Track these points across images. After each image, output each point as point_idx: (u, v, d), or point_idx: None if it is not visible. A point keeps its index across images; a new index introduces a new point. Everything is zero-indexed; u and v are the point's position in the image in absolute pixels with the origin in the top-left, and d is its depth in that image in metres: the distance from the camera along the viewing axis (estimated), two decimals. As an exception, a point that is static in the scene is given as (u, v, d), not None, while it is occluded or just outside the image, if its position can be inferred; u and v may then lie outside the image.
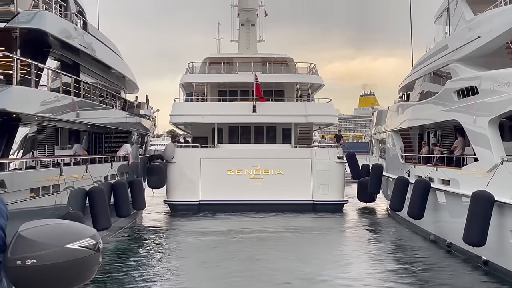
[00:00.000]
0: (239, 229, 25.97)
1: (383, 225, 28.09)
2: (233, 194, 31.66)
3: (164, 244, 22.82)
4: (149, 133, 33.56)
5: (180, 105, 35.55)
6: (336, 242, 23.32)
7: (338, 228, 27.24)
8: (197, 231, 25.61)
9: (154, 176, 29.38)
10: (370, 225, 28.11)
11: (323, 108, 35.30)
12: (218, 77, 37.02)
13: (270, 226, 27.00)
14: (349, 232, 26.15)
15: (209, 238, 23.68)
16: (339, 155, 32.68)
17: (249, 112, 33.71)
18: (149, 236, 24.72)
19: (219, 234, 24.69)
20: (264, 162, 32.47)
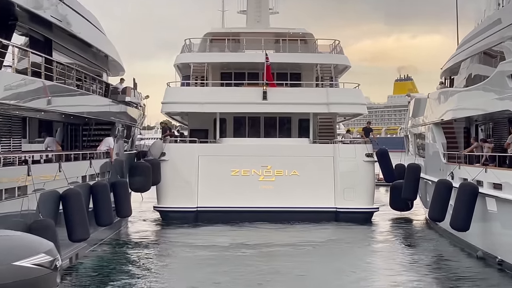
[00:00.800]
0: (245, 242, 25.99)
1: (421, 238, 28.06)
2: (238, 199, 31.74)
3: (153, 260, 22.87)
4: (136, 124, 33.56)
5: (175, 90, 35.67)
6: (364, 260, 23.25)
7: (366, 242, 27.22)
8: (193, 244, 25.65)
9: (137, 176, 29.29)
10: (405, 239, 28.09)
11: (349, 95, 35.34)
12: (221, 56, 37.04)
13: (283, 239, 27.01)
14: (379, 247, 26.11)
15: (208, 254, 23.71)
16: (368, 153, 32.70)
17: (259, 99, 33.74)
18: (135, 251, 24.78)
19: (221, 249, 24.72)
20: (276, 160, 32.52)
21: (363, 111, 35.97)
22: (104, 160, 25.85)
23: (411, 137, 37.35)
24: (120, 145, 29.01)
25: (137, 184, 29.40)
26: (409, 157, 37.14)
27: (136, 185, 29.41)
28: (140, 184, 29.52)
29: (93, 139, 27.94)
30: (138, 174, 29.41)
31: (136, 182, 29.25)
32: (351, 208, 31.87)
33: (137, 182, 29.29)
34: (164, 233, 29.14)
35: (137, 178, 29.26)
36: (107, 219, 23.50)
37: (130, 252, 24.50)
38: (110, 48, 30.12)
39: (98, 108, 26.33)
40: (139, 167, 29.87)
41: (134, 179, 29.09)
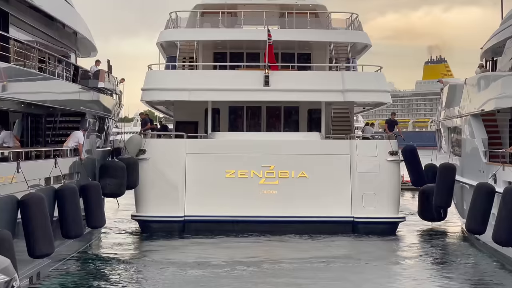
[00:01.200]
0: (243, 259, 25.99)
1: (456, 254, 28.05)
2: (234, 207, 31.86)
3: (130, 281, 22.79)
4: (111, 115, 33.59)
5: (157, 74, 35.73)
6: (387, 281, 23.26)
7: (390, 259, 27.22)
8: (179, 262, 25.61)
9: (108, 178, 29.17)
10: (437, 255, 28.04)
11: (370, 80, 35.42)
12: (215, 33, 37.11)
13: (289, 256, 26.99)
14: (406, 265, 26.11)
15: (198, 273, 23.70)
16: (392, 150, 32.83)
17: (259, 85, 33.82)
18: (108, 269, 24.70)
19: (213, 267, 24.71)
20: (281, 159, 32.63)
21: (386, 99, 36.05)
22: (72, 158, 25.84)
23: (444, 132, 37.40)
24: (92, 140, 29.03)
25: (108, 188, 29.27)
26: (441, 156, 37.20)
27: (107, 189, 29.24)
28: (112, 187, 29.40)
29: (59, 133, 27.91)
30: (109, 175, 29.33)
31: (107, 185, 29.15)
32: (372, 217, 32.04)
33: (108, 185, 29.21)
34: (144, 248, 29.13)
35: (109, 181, 29.18)
36: (76, 230, 23.43)
37: (102, 270, 24.44)
38: (80, 23, 30.12)
39: (65, 96, 26.33)
40: (111, 167, 29.85)
41: (105, 181, 29.02)
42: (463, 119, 32.17)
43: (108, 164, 30.23)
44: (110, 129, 34.91)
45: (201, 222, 31.91)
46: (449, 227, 35.00)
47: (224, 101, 35.31)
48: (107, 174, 29.38)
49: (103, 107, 31.26)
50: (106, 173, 29.40)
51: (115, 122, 36.28)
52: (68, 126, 28.34)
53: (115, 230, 33.52)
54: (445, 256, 27.75)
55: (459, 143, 33.12)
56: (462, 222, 31.59)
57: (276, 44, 35.08)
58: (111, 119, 34.04)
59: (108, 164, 30.22)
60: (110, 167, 29.83)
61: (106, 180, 29.11)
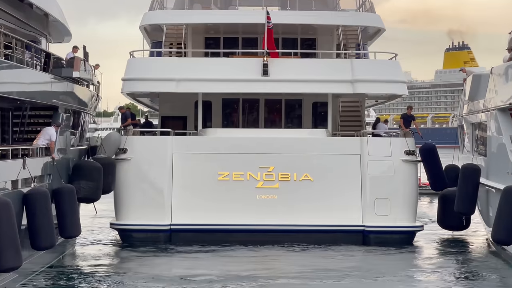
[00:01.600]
0: (238, 273, 26.01)
1: (481, 268, 28.07)
2: (227, 214, 31.93)
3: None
4: (88, 109, 33.61)
5: (140, 62, 35.68)
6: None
7: (405, 273, 27.15)
8: (164, 277, 25.64)
9: (83, 181, 29.24)
10: (459, 268, 28.15)
11: (383, 69, 35.46)
12: (206, 15, 37.09)
13: (290, 270, 27.04)
14: (424, 280, 26.15)
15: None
16: (408, 149, 32.89)
17: (257, 74, 33.81)
18: (83, 284, 24.65)
19: (204, 283, 24.71)
20: (281, 160, 32.66)
21: (402, 91, 36.04)
22: (43, 158, 25.83)
23: (467, 128, 37.24)
24: (66, 138, 29.04)
25: (82, 192, 29.29)
26: (464, 156, 37.14)
27: (80, 193, 29.20)
28: (85, 191, 29.46)
29: (28, 130, 27.94)
30: (83, 177, 29.39)
31: (80, 188, 29.18)
32: (385, 226, 32.07)
33: (82, 188, 29.26)
34: (124, 261, 29.09)
35: (83, 183, 29.25)
36: (47, 240, 23.49)
37: (77, 286, 24.41)
38: (51, 4, 30.11)
39: (35, 87, 26.34)
40: (85, 168, 29.98)
41: (79, 184, 29.07)
42: (488, 113, 32.01)
43: (82, 165, 30.28)
44: (86, 125, 34.92)
45: (190, 232, 31.89)
46: (473, 237, 35.01)
47: (216, 93, 35.32)
48: (81, 176, 29.43)
49: (78, 100, 31.24)
50: (80, 175, 29.44)
51: (92, 117, 36.31)
52: (39, 122, 28.35)
53: (91, 240, 33.43)
54: (468, 270, 27.78)
55: (484, 141, 32.97)
56: (488, 231, 31.63)
57: (276, 28, 35.09)
58: (87, 114, 34.02)
59: (81, 165, 30.28)
60: (84, 168, 29.93)
61: (80, 183, 29.17)
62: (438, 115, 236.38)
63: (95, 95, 34.91)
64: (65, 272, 26.40)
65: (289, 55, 36.18)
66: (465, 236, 35.15)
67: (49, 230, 23.60)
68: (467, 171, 31.86)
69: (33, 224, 23.01)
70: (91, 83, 33.71)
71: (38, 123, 28.17)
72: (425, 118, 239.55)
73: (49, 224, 23.65)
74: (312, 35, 38.42)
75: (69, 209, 26.29)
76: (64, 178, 28.07)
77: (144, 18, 37.23)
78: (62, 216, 25.80)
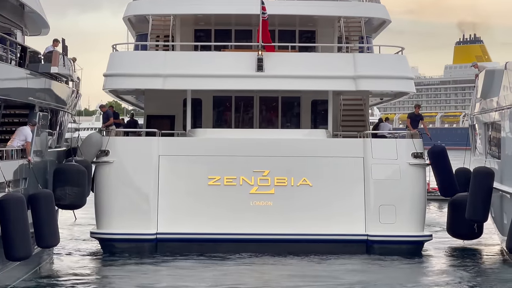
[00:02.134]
0: (230, 286, 26.12)
1: (493, 279, 28.14)
2: (218, 222, 31.95)
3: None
4: (67, 107, 33.52)
5: (124, 56, 35.72)
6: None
7: (412, 285, 27.30)
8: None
9: (68, 186, 29.23)
10: (470, 281, 28.08)
11: (388, 64, 35.40)
12: (196, 5, 36.81)
13: (285, 283, 27.11)
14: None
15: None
16: (416, 152, 32.81)
17: (251, 70, 33.70)
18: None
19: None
20: (277, 163, 32.60)
21: (409, 88, 36.01)
22: (18, 161, 25.81)
23: (480, 128, 37.30)
24: (43, 138, 28.98)
25: (68, 198, 29.38)
26: (476, 158, 37.27)
27: (66, 199, 29.38)
28: (72, 197, 29.51)
29: (2, 130, 27.92)
30: (68, 182, 29.42)
31: (66, 194, 29.27)
32: (390, 236, 32.05)
33: (68, 194, 29.32)
34: (105, 273, 29.06)
35: (68, 189, 29.29)
36: (22, 250, 23.39)
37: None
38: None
39: (9, 83, 26.10)
40: (69, 171, 29.88)
41: (63, 190, 29.15)
42: (502, 112, 31.96)
43: (66, 168, 30.18)
44: (65, 125, 34.83)
45: (178, 241, 31.81)
46: (485, 246, 35.01)
47: (207, 90, 35.40)
48: (65, 181, 29.44)
49: (56, 98, 31.19)
50: (64, 180, 29.47)
51: (72, 116, 36.21)
52: (13, 121, 28.35)
53: (71, 250, 33.32)
54: (480, 283, 27.69)
55: (498, 142, 32.98)
56: (502, 240, 31.72)
57: (272, 20, 35.00)
58: (66, 112, 33.93)
59: (65, 168, 30.19)
60: (68, 171, 29.86)
61: (65, 189, 29.26)
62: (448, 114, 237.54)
63: (74, 92, 34.83)
64: (42, 285, 26.35)
65: (286, 48, 36.20)
66: (477, 245, 35.10)
67: (25, 239, 23.47)
68: (480, 175, 31.82)
69: (7, 233, 22.87)
70: (71, 79, 33.63)
71: (13, 122, 28.18)
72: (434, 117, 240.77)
73: (24, 232, 23.52)
74: (311, 27, 38.51)
75: (47, 216, 26.09)
76: (41, 182, 27.97)
77: (128, 8, 37.19)
78: (39, 224, 25.66)
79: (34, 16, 31.20)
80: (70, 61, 33.06)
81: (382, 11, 37.40)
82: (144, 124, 38.03)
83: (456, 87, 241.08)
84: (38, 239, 25.77)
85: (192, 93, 34.86)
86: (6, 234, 22.92)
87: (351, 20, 38.01)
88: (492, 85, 34.70)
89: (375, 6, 37.73)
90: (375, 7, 37.67)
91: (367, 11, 37.44)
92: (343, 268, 29.62)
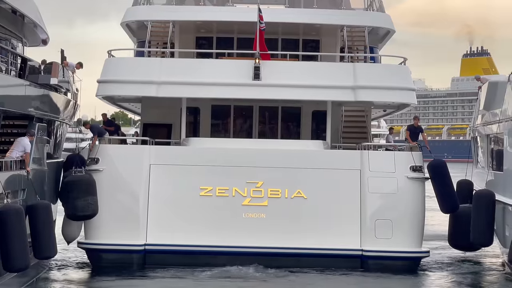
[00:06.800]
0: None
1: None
2: (210, 234, 31.78)
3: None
4: (64, 118, 33.61)
5: (117, 63, 35.15)
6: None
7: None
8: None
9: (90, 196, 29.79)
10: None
11: (389, 74, 35.01)
12: (195, 12, 36.89)
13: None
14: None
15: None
16: (415, 165, 32.50)
17: (247, 78, 33.47)
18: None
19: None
20: (271, 174, 32.37)
21: (410, 100, 35.50)
22: (16, 172, 25.88)
23: (482, 141, 37.38)
24: (41, 150, 29.14)
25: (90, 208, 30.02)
26: (478, 171, 37.30)
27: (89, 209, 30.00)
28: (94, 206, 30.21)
29: (1, 141, 28.06)
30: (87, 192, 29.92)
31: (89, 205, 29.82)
32: (386, 251, 31.68)
33: (90, 204, 29.87)
34: (92, 285, 29.08)
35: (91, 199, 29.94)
36: (20, 261, 23.44)
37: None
38: (28, 5, 30.09)
39: (9, 94, 26.32)
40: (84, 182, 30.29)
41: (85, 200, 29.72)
42: (505, 124, 31.99)
43: (82, 179, 30.45)
44: (63, 136, 35.06)
45: (167, 253, 31.58)
46: (487, 258, 34.89)
47: (205, 99, 35.21)
48: (85, 192, 29.91)
49: (55, 109, 31.38)
50: (83, 190, 29.90)
51: (75, 127, 36.32)
52: (12, 132, 28.43)
53: (67, 261, 33.25)
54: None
55: (500, 155, 32.86)
56: (504, 252, 31.69)
57: (275, 28, 35.09)
58: (63, 123, 34.16)
59: (81, 179, 30.46)
60: (84, 182, 30.23)
61: (87, 199, 29.76)
62: (455, 126, 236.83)
63: (73, 103, 34.85)
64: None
65: (284, 57, 35.91)
66: (479, 257, 35.00)
67: (23, 250, 23.51)
68: (481, 198, 31.78)
69: (6, 244, 22.86)
70: (69, 90, 33.78)
71: (12, 133, 28.21)
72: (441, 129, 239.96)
73: (23, 243, 23.55)
74: (315, 36, 38.33)
75: (45, 227, 26.11)
76: (40, 193, 28.05)
77: (126, 14, 36.84)
78: (37, 235, 25.70)
79: (34, 27, 31.23)
80: (71, 72, 33.22)
81: (386, 20, 37.18)
82: (140, 132, 37.87)
83: (463, 100, 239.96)
84: (35, 250, 25.71)
85: (190, 102, 34.75)
86: (4, 245, 22.89)
87: (355, 29, 37.56)
88: (495, 97, 34.60)
89: (379, 15, 37.42)
90: (379, 17, 37.35)
91: (370, 21, 37.07)
92: (337, 283, 29.74)
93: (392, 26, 37.51)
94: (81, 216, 30.44)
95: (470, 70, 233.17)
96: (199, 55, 37.15)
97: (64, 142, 36.00)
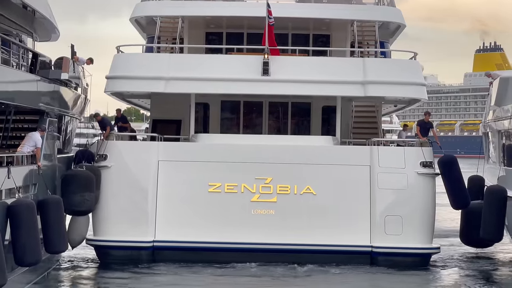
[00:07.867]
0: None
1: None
2: (218, 231, 31.76)
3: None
4: (74, 113, 33.72)
5: (125, 58, 35.17)
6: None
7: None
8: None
9: (87, 192, 29.66)
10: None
11: (399, 69, 34.90)
12: (205, 7, 36.74)
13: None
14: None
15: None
16: (425, 161, 32.45)
17: (256, 74, 33.42)
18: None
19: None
20: (280, 170, 32.33)
21: (421, 95, 35.40)
22: (28, 167, 25.99)
23: (493, 136, 37.32)
24: (52, 144, 29.28)
25: (74, 205, 29.74)
26: (489, 166, 37.37)
27: (74, 206, 29.73)
28: (89, 203, 30.12)
29: (12, 136, 28.09)
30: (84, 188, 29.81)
31: (85, 201, 29.81)
32: (396, 247, 31.61)
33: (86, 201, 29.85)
34: (101, 281, 29.11)
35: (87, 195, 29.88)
36: (32, 255, 23.54)
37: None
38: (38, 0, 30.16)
39: (20, 89, 26.40)
40: (78, 177, 30.20)
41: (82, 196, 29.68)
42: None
43: (74, 174, 30.41)
44: (73, 131, 35.13)
45: (176, 250, 31.57)
46: (499, 254, 34.84)
47: (214, 95, 35.19)
48: (82, 187, 29.82)
49: (65, 104, 31.49)
50: (72, 184, 29.73)
51: (80, 121, 36.35)
52: (23, 127, 28.55)
53: (78, 255, 33.25)
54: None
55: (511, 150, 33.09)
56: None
57: (285, 23, 35.03)
58: (74, 118, 34.27)
59: (74, 174, 30.43)
60: (75, 176, 30.10)
61: (84, 195, 29.71)
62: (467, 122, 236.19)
63: (83, 98, 34.92)
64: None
65: (294, 52, 35.82)
66: (491, 253, 34.97)
67: (35, 244, 23.58)
68: (492, 194, 31.67)
69: (18, 238, 23.01)
70: (79, 86, 33.84)
71: (23, 128, 28.35)
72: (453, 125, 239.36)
73: (34, 238, 23.65)
74: (325, 31, 38.29)
75: (56, 222, 26.18)
76: (50, 188, 28.17)
77: (135, 10, 36.86)
78: (48, 230, 25.72)
79: (45, 22, 31.35)
80: (81, 67, 33.31)
81: (396, 15, 37.02)
82: (149, 128, 37.85)
83: (475, 95, 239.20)
84: (46, 244, 25.79)
85: (199, 98, 34.77)
86: (17, 239, 23.03)
87: (366, 24, 37.55)
88: (507, 92, 34.67)
89: (390, 10, 37.28)
90: (389, 11, 37.18)
91: (381, 15, 36.80)
92: (346, 279, 29.62)
93: (402, 21, 37.42)
94: (75, 211, 30.34)
95: (483, 65, 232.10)
96: (208, 50, 37.07)
97: (75, 138, 36.11)
